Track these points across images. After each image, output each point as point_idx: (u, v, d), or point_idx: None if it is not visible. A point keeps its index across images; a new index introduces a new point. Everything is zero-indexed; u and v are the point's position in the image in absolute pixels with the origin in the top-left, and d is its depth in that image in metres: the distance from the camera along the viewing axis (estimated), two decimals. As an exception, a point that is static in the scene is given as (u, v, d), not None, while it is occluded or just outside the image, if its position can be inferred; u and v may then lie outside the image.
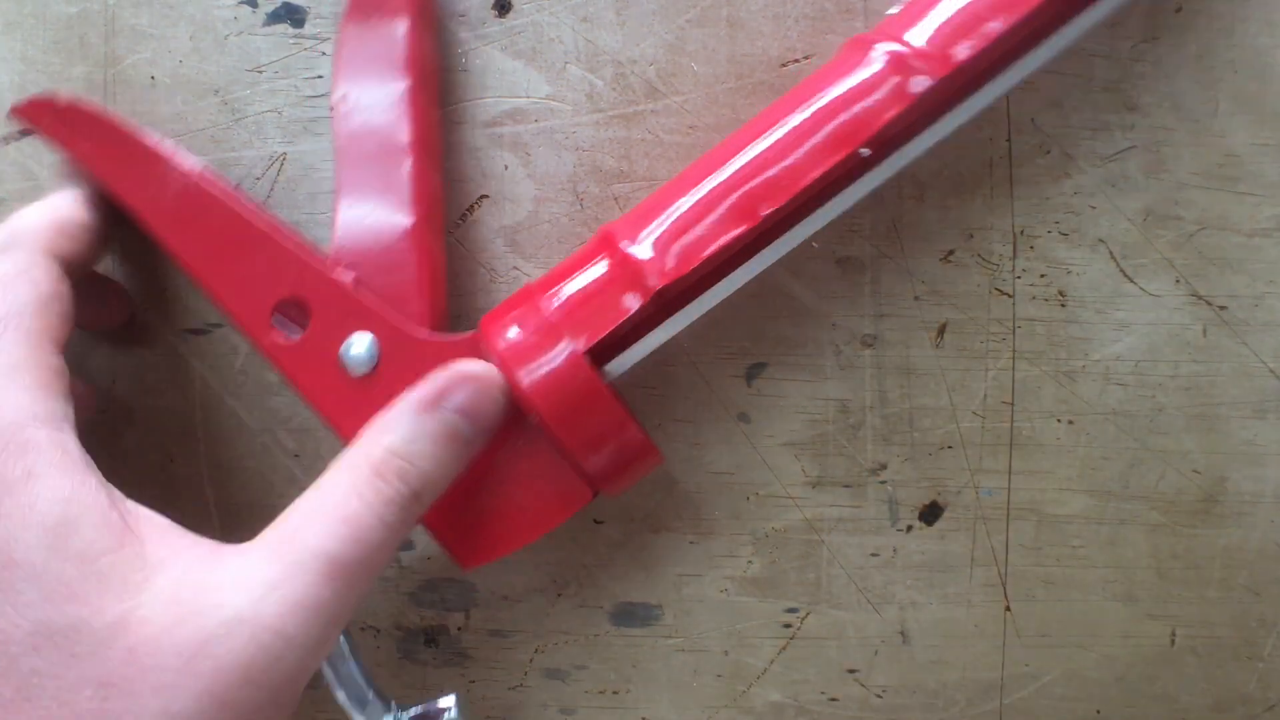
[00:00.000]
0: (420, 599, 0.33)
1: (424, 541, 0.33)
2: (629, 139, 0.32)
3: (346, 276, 0.28)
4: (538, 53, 0.32)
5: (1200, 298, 0.32)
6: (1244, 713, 0.32)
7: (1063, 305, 0.32)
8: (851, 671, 0.32)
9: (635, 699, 0.32)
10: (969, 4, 0.27)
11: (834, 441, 0.32)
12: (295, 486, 0.33)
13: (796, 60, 0.32)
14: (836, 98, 0.27)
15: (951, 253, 0.32)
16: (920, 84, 0.26)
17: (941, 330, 0.32)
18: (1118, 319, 0.32)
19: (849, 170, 0.27)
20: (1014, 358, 0.32)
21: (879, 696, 0.32)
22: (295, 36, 0.33)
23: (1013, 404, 0.32)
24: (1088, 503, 0.32)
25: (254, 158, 0.33)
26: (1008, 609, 0.32)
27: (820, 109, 0.27)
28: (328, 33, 0.33)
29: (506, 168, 0.32)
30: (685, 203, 0.27)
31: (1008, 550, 0.32)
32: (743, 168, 0.27)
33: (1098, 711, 0.32)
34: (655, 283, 0.26)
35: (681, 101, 0.32)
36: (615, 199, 0.32)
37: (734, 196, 0.27)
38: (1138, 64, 0.31)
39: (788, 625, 0.32)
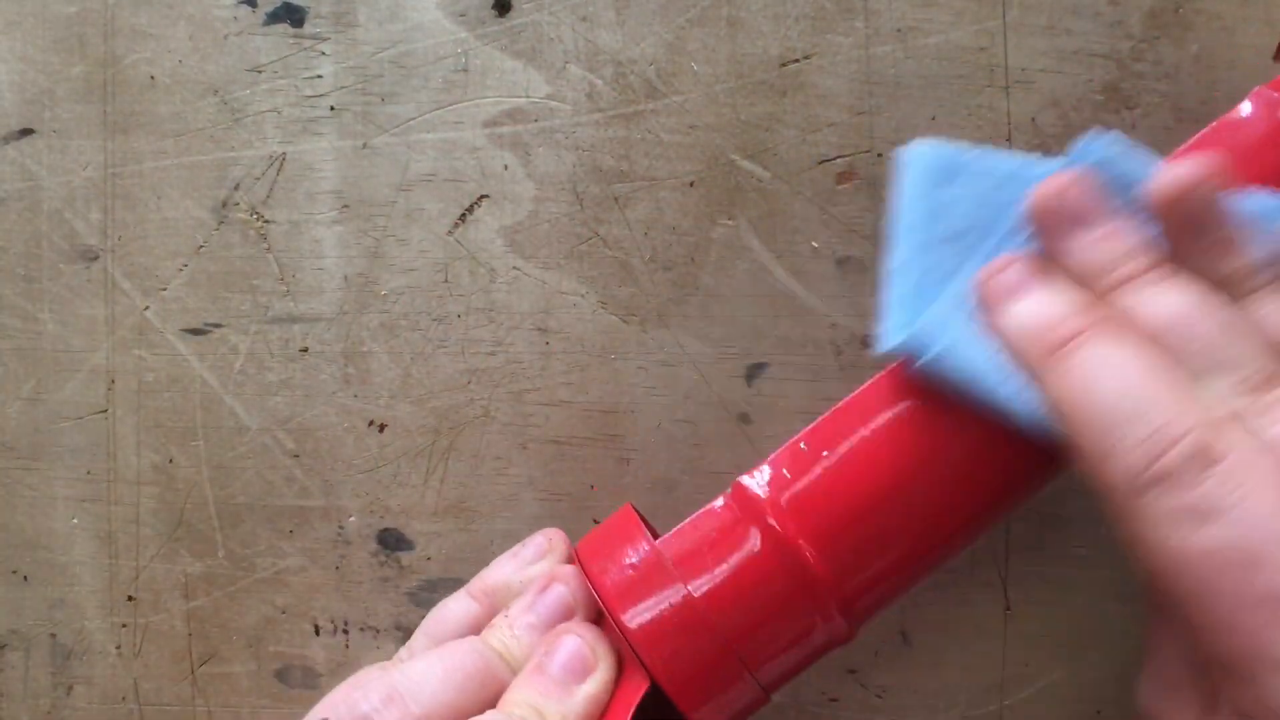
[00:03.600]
0: (420, 599, 0.33)
1: (424, 541, 0.33)
2: (629, 139, 0.32)
3: None
4: (538, 53, 0.32)
5: (1200, 298, 0.32)
6: (1244, 713, 0.32)
7: (1063, 305, 0.32)
8: (851, 672, 0.32)
9: (635, 699, 0.32)
10: None
11: (834, 441, 0.32)
12: (295, 486, 0.33)
13: (796, 60, 0.32)
14: None
15: (951, 253, 0.32)
16: None
17: (941, 330, 0.32)
18: (1118, 319, 0.32)
19: None
20: (1014, 358, 0.32)
21: (879, 697, 0.32)
22: (295, 36, 0.33)
23: (1013, 404, 0.32)
24: (1088, 503, 0.32)
25: (253, 158, 0.33)
26: (1008, 609, 0.32)
27: None
28: (328, 32, 0.33)
29: (506, 168, 0.32)
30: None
31: (1008, 550, 0.32)
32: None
33: (1098, 712, 0.32)
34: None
35: (681, 101, 0.32)
36: (615, 198, 0.32)
37: None
38: (1138, 64, 0.31)
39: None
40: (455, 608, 0.29)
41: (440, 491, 0.33)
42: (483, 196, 0.32)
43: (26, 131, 0.33)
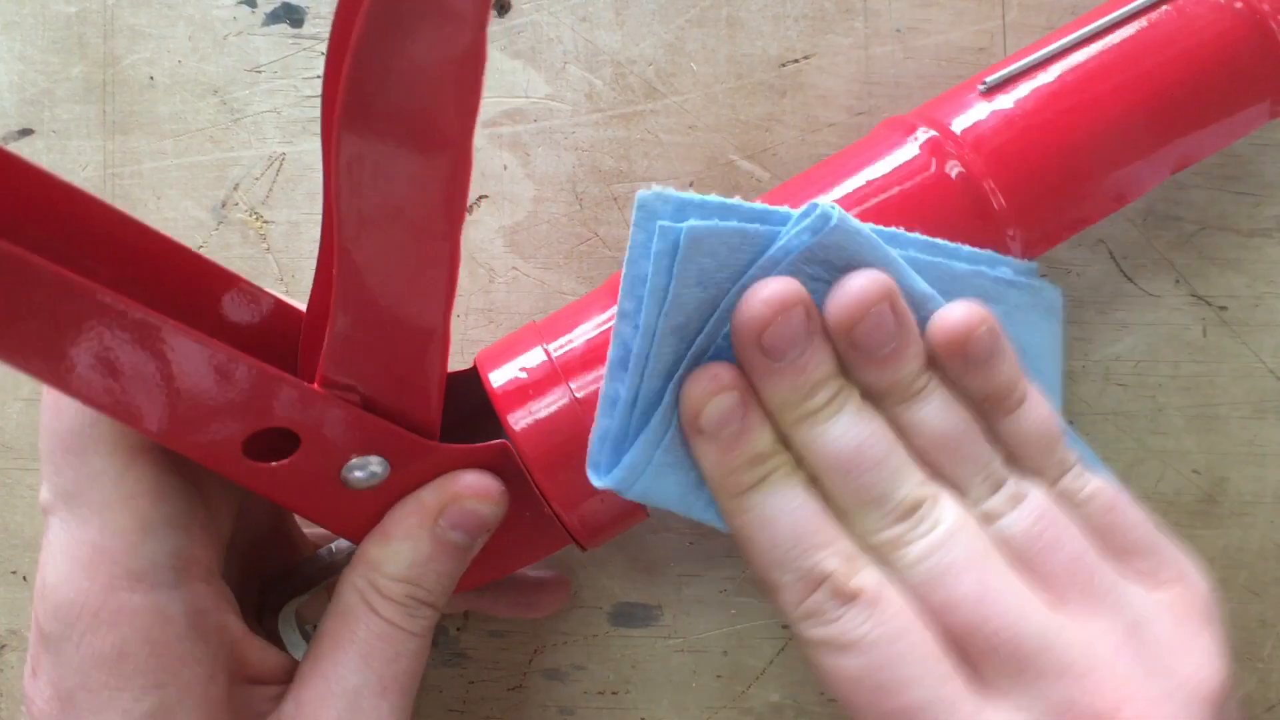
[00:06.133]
0: (419, 599, 0.33)
1: (423, 542, 0.33)
2: (628, 139, 0.32)
3: (348, 398, 0.23)
4: (537, 53, 0.32)
5: (1200, 298, 0.32)
6: (1244, 713, 0.32)
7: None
8: (851, 672, 0.32)
9: (634, 699, 0.32)
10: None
11: (833, 442, 0.32)
12: (294, 487, 0.33)
13: (796, 60, 0.32)
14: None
15: (951, 253, 0.32)
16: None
17: (941, 330, 0.32)
18: (1117, 319, 0.32)
19: None
20: (1014, 358, 0.32)
21: (878, 697, 0.32)
22: (294, 36, 0.33)
23: (1012, 404, 0.32)
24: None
25: (253, 158, 0.33)
26: (1007, 609, 0.32)
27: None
28: (327, 32, 0.33)
29: (506, 168, 0.32)
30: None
31: (1007, 550, 0.32)
32: None
33: (1097, 712, 0.32)
34: None
35: (681, 101, 0.32)
36: (615, 199, 0.32)
37: None
38: (1137, 64, 0.31)
39: (787, 625, 0.32)
40: None
41: (440, 492, 0.32)
42: (482, 197, 0.32)
43: (26, 131, 0.33)
